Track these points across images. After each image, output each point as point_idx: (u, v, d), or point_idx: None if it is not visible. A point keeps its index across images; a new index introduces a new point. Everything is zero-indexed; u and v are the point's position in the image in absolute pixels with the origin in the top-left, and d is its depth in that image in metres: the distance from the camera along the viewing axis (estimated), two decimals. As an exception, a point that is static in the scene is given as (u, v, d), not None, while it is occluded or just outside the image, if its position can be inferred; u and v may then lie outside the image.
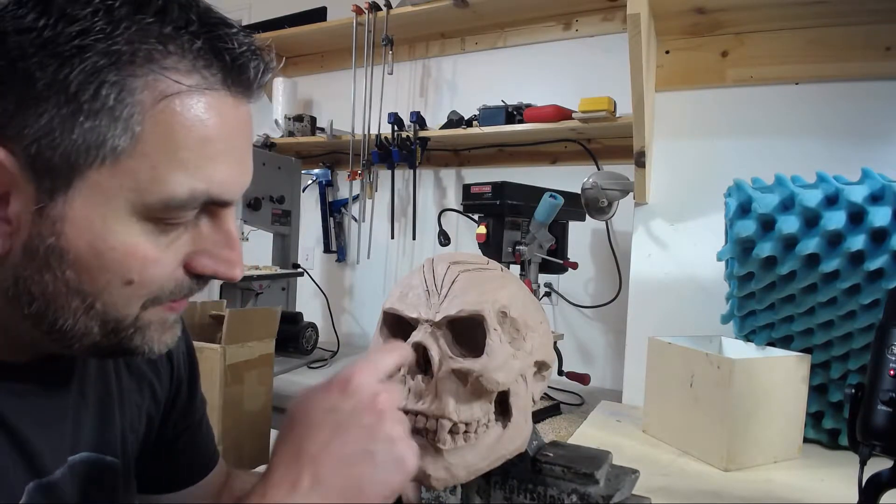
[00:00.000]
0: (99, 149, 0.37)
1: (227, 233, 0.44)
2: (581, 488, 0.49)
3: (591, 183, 1.26)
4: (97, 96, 0.36)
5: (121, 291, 0.40)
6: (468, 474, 0.45)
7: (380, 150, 1.81)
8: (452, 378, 0.45)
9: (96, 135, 0.36)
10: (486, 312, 0.44)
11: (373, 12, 1.81)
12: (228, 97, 0.41)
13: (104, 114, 0.36)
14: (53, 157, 0.36)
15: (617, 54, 1.49)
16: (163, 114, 0.37)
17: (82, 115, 0.36)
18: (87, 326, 0.41)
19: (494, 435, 0.46)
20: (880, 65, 1.14)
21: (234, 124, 0.41)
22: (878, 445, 0.58)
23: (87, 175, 0.37)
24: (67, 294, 0.39)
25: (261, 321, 1.36)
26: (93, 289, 0.39)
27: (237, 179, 0.42)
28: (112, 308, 0.41)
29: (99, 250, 0.38)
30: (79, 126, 0.36)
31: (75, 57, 0.35)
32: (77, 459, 0.48)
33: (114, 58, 0.36)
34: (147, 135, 0.37)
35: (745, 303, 1.03)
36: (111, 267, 0.39)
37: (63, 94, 0.36)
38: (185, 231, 0.42)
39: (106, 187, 0.37)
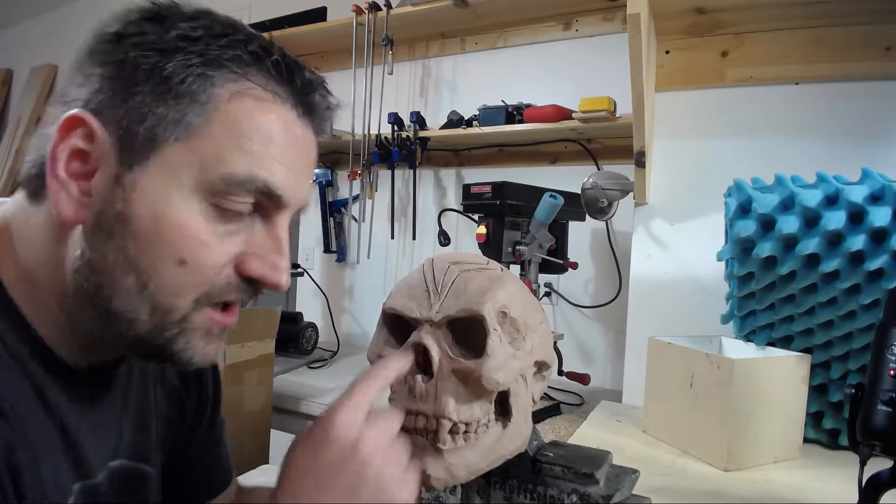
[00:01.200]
0: (177, 125, 0.41)
1: (278, 239, 0.46)
2: (581, 488, 0.49)
3: (591, 183, 1.26)
4: (184, 82, 0.41)
5: (174, 273, 0.42)
6: (468, 474, 0.45)
7: (380, 150, 1.81)
8: (452, 378, 0.45)
9: (177, 113, 0.41)
10: (486, 312, 0.44)
11: (373, 12, 1.81)
12: (296, 117, 0.45)
13: (188, 97, 0.41)
14: (139, 131, 0.41)
15: (617, 54, 1.49)
16: (236, 105, 0.42)
17: (170, 95, 0.41)
18: (138, 311, 0.42)
19: (494, 435, 0.46)
20: (880, 65, 1.14)
21: (298, 142, 0.45)
22: (878, 445, 0.58)
23: (163, 149, 0.41)
24: (126, 269, 0.41)
25: (261, 321, 1.36)
26: (147, 265, 0.41)
27: (293, 188, 0.45)
28: (164, 292, 0.42)
29: (159, 220, 0.41)
30: (164, 105, 0.41)
31: (175, 53, 0.41)
32: (116, 466, 0.50)
33: (205, 58, 0.41)
34: (219, 121, 0.41)
35: (745, 303, 1.03)
36: (168, 241, 0.41)
37: (157, 78, 0.40)
38: (240, 228, 0.44)
39: (176, 161, 0.41)
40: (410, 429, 0.45)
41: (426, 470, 0.44)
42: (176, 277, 0.42)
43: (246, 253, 0.44)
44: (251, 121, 0.42)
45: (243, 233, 0.44)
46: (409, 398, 0.46)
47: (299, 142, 0.45)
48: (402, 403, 0.46)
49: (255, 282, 0.45)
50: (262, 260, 0.45)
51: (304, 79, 0.45)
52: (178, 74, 0.41)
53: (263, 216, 0.45)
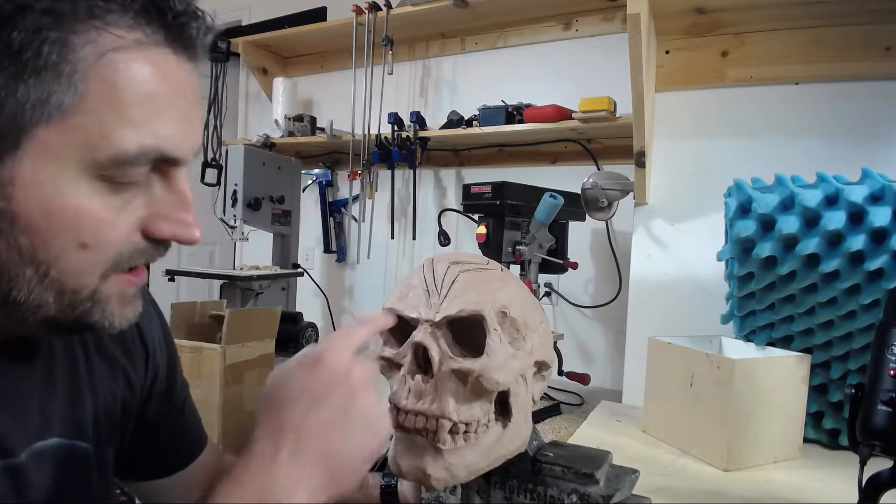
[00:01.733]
0: (44, 106, 0.36)
1: (180, 194, 0.43)
2: (581, 488, 0.49)
3: (591, 183, 1.26)
4: (40, 53, 0.36)
5: (76, 257, 0.39)
6: (468, 474, 0.45)
7: (380, 150, 1.81)
8: (452, 378, 0.45)
9: (40, 91, 0.36)
10: (485, 312, 0.44)
11: (373, 12, 1.81)
12: (171, 55, 0.41)
13: (48, 70, 0.36)
14: (0, 119, 0.36)
15: (617, 54, 1.49)
16: (106, 69, 0.38)
17: (26, 73, 0.36)
18: (42, 298, 0.40)
19: (494, 435, 0.46)
20: (880, 65, 1.14)
21: (178, 83, 0.41)
22: (878, 445, 0.58)
23: (35, 134, 0.37)
24: (21, 262, 0.39)
25: (261, 321, 1.36)
26: (47, 255, 0.39)
27: (186, 138, 0.42)
28: (68, 276, 0.40)
29: (50, 212, 0.38)
30: (23, 84, 0.36)
31: (16, 16, 0.35)
32: (47, 445, 0.48)
33: (55, 16, 0.36)
34: (92, 91, 0.37)
35: (745, 303, 1.03)
36: (64, 230, 0.38)
37: (6, 54, 0.35)
38: (138, 193, 0.41)
39: (54, 146, 0.37)
40: (411, 429, 0.45)
41: (426, 470, 0.44)
42: (79, 261, 0.40)
43: (150, 215, 0.42)
44: (127, 81, 0.38)
45: (141, 196, 0.42)
46: (408, 398, 0.46)
47: (182, 86, 0.42)
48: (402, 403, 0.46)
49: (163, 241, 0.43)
50: (169, 219, 0.43)
51: (175, 10, 0.40)
52: (29, 45, 0.35)
53: (160, 173, 0.42)
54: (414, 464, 0.45)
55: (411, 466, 0.45)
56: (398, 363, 0.48)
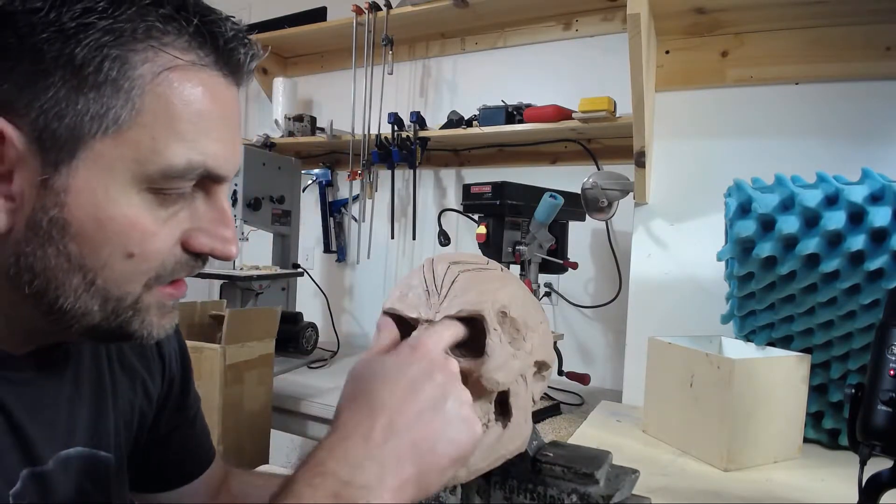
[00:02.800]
0: (102, 119, 0.38)
1: (221, 210, 0.45)
2: (581, 488, 0.49)
3: (591, 183, 1.26)
4: (101, 69, 0.38)
5: (122, 266, 0.41)
6: (468, 474, 0.45)
7: (380, 150, 1.81)
8: None
9: (100, 105, 0.38)
10: (485, 312, 0.44)
11: (373, 12, 1.81)
12: (220, 78, 0.43)
13: (107, 85, 0.38)
14: (59, 129, 0.38)
15: (617, 54, 1.49)
16: (161, 87, 0.39)
17: (87, 87, 0.38)
18: (88, 306, 0.41)
19: (494, 435, 0.46)
20: (880, 65, 1.14)
21: (226, 104, 0.43)
22: (878, 445, 0.58)
23: (91, 146, 0.39)
24: (69, 270, 0.40)
25: (261, 321, 1.36)
26: (94, 263, 0.40)
27: (230, 156, 0.44)
28: (113, 285, 0.41)
29: (101, 221, 0.39)
30: (83, 97, 0.38)
31: (80, 33, 0.37)
32: (72, 454, 0.48)
33: (116, 34, 0.38)
34: (147, 106, 0.39)
35: (745, 303, 1.03)
36: (112, 238, 0.40)
37: (69, 67, 0.37)
38: (182, 207, 0.43)
39: (108, 157, 0.39)
40: None
41: None
42: (125, 270, 0.41)
43: (191, 229, 0.44)
44: (180, 99, 0.40)
45: (185, 210, 0.43)
46: None
47: (228, 106, 0.44)
48: None
49: (202, 254, 0.45)
50: (209, 233, 0.44)
51: (226, 36, 0.43)
52: (91, 61, 0.37)
53: (203, 189, 0.44)
54: None
55: None
56: None
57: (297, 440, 2.30)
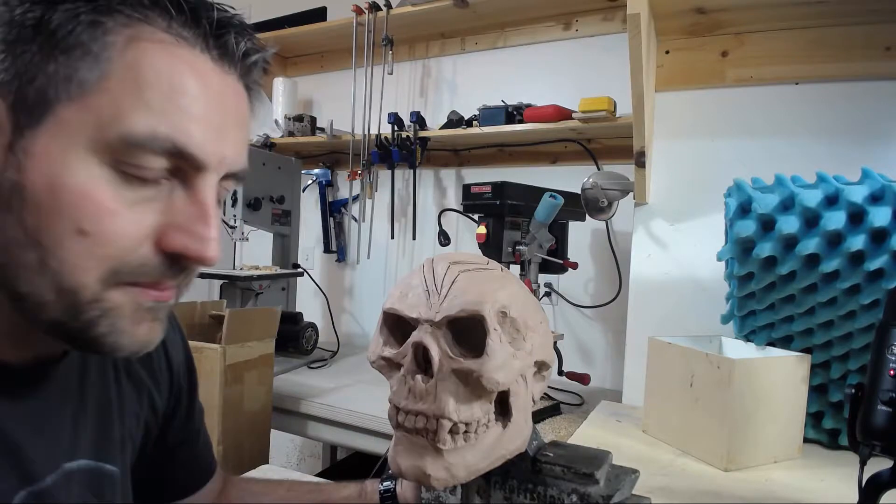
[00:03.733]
0: (68, 83, 0.37)
1: (201, 205, 0.41)
2: (581, 488, 0.49)
3: (591, 183, 1.26)
4: (73, 32, 0.37)
5: (73, 245, 0.37)
6: (468, 474, 0.45)
7: (380, 150, 1.81)
8: (452, 378, 0.45)
9: (67, 68, 0.37)
10: (485, 312, 0.44)
11: (373, 12, 1.81)
12: (209, 61, 0.40)
13: (77, 49, 0.37)
14: (29, 92, 0.37)
15: (617, 54, 1.49)
16: (134, 53, 0.38)
17: (58, 50, 0.37)
18: (41, 291, 0.38)
19: (494, 435, 0.46)
20: (880, 65, 1.14)
21: (215, 91, 0.40)
22: (878, 445, 0.58)
23: (56, 111, 0.37)
24: (25, 244, 0.38)
25: (261, 321, 1.36)
26: (47, 239, 0.37)
27: (216, 143, 0.40)
28: (66, 268, 0.38)
29: (55, 188, 0.37)
30: (53, 60, 0.37)
31: (61, 2, 0.37)
32: (75, 467, 0.47)
33: (94, 3, 0.37)
34: (115, 72, 0.37)
35: (745, 303, 1.03)
36: (64, 210, 0.37)
37: (43, 32, 0.37)
38: (156, 196, 0.39)
39: (70, 123, 0.37)
40: (411, 429, 0.45)
41: (426, 470, 0.44)
42: (77, 250, 0.37)
43: (166, 224, 0.40)
44: (153, 69, 0.38)
45: (160, 201, 0.40)
46: (408, 398, 0.45)
47: (216, 91, 0.40)
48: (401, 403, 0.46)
49: (179, 258, 0.40)
50: (185, 231, 0.40)
51: (211, 18, 0.40)
52: (65, 26, 0.37)
53: (183, 181, 0.40)
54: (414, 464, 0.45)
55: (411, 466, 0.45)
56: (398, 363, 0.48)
57: (297, 440, 2.30)
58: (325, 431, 1.42)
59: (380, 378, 0.50)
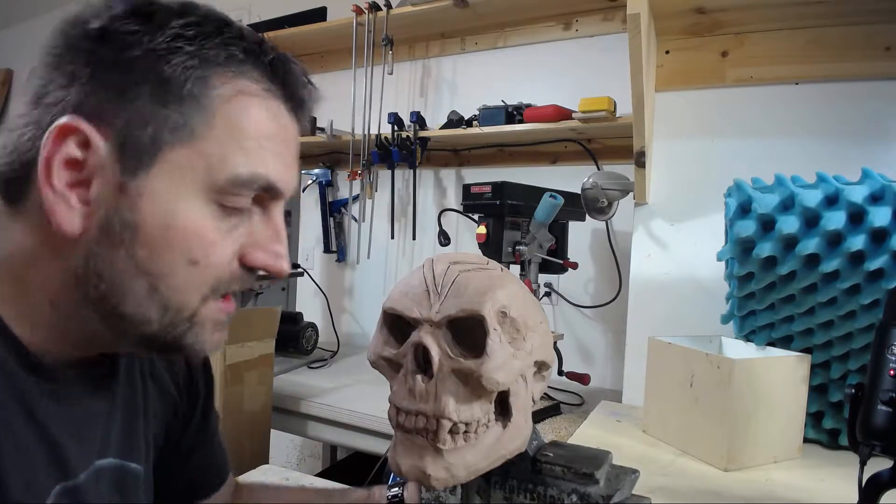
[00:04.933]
0: (181, 130, 0.41)
1: (276, 227, 0.48)
2: (581, 488, 0.49)
3: (591, 183, 1.26)
4: (184, 86, 0.41)
5: (185, 273, 0.43)
6: (468, 474, 0.45)
7: (380, 150, 1.81)
8: (452, 378, 0.45)
9: (180, 117, 0.41)
10: (485, 312, 0.44)
11: (373, 12, 1.81)
12: (284, 108, 0.47)
13: (189, 100, 0.42)
14: (142, 137, 0.41)
15: (617, 54, 1.49)
16: (234, 106, 0.43)
17: (170, 100, 0.41)
18: (147, 313, 0.43)
19: (494, 435, 0.46)
20: (880, 65, 1.14)
21: (287, 131, 0.47)
22: (878, 445, 0.58)
23: (167, 155, 0.41)
24: (135, 274, 0.42)
25: (261, 321, 1.36)
26: (159, 268, 0.42)
27: (289, 176, 0.47)
28: (174, 293, 0.43)
29: (169, 226, 0.42)
30: (166, 110, 0.41)
31: (170, 55, 0.41)
32: (105, 465, 0.49)
33: (201, 59, 0.42)
34: (220, 122, 0.43)
35: (745, 303, 1.03)
36: (178, 245, 0.42)
37: (156, 83, 0.41)
38: (241, 221, 0.45)
39: (182, 166, 0.42)
40: (411, 429, 0.45)
41: (426, 470, 0.44)
42: (187, 278, 0.43)
43: (248, 244, 0.46)
44: (249, 119, 0.44)
45: (244, 225, 0.46)
46: (408, 398, 0.45)
47: (289, 134, 0.47)
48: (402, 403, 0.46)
49: (254, 270, 0.47)
50: (264, 249, 0.47)
51: (294, 74, 0.47)
52: (178, 77, 0.41)
53: (260, 206, 0.47)
54: (414, 464, 0.45)
55: (411, 466, 0.45)
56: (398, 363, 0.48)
57: (297, 440, 2.30)
58: (325, 431, 1.42)
59: (380, 378, 0.51)
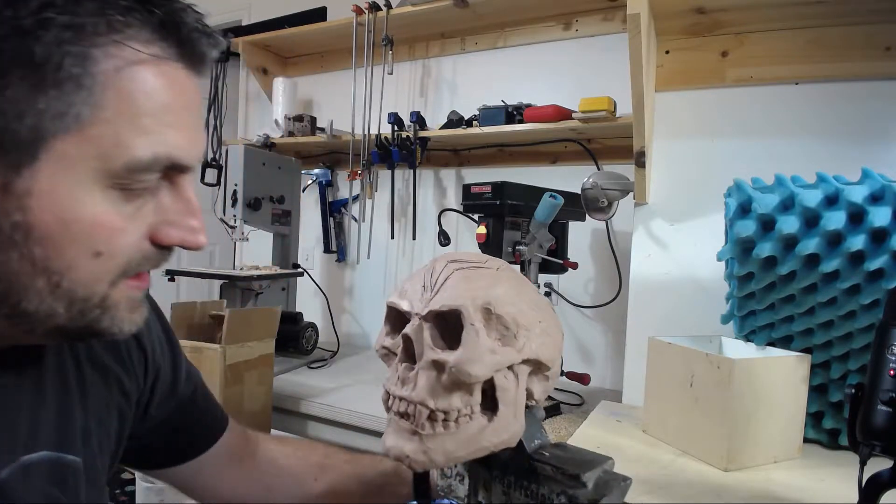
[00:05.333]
0: (63, 117, 0.37)
1: (187, 201, 0.45)
2: (569, 490, 0.49)
3: (591, 183, 1.26)
4: (61, 66, 0.36)
5: (89, 266, 0.40)
6: (447, 460, 0.47)
7: (380, 150, 1.81)
8: (431, 368, 0.47)
9: (61, 103, 0.37)
10: (463, 308, 0.46)
11: (373, 12, 1.81)
12: (182, 69, 0.43)
13: (69, 83, 0.37)
14: (20, 130, 0.37)
15: (617, 54, 1.49)
16: (124, 81, 0.39)
17: (47, 85, 0.36)
18: (52, 308, 0.40)
19: (477, 426, 0.47)
20: (880, 65, 1.14)
21: (187, 95, 0.43)
22: (878, 445, 0.58)
23: (53, 146, 0.37)
24: (33, 273, 0.39)
25: (261, 321, 1.36)
26: (60, 265, 0.39)
27: (193, 146, 0.44)
28: (79, 286, 0.40)
29: (66, 222, 0.38)
30: (44, 95, 0.36)
31: (38, 30, 0.36)
32: (35, 459, 0.47)
33: (76, 30, 0.37)
34: (110, 102, 0.38)
35: (745, 303, 1.03)
36: (79, 239, 0.39)
37: (27, 66, 0.36)
38: (147, 200, 0.42)
39: (71, 156, 0.38)
40: (397, 412, 0.48)
41: (404, 450, 0.47)
42: (91, 269, 0.40)
43: (158, 221, 0.43)
44: (143, 93, 0.39)
45: (151, 203, 0.43)
46: (397, 384, 0.49)
47: (190, 97, 0.43)
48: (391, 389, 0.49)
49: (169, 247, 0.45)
50: (176, 226, 0.44)
51: (188, 26, 0.42)
52: (52, 56, 0.36)
53: (168, 180, 0.44)
54: (396, 444, 0.48)
55: (394, 447, 0.48)
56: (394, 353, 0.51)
57: (297, 440, 2.30)
58: (325, 431, 1.42)
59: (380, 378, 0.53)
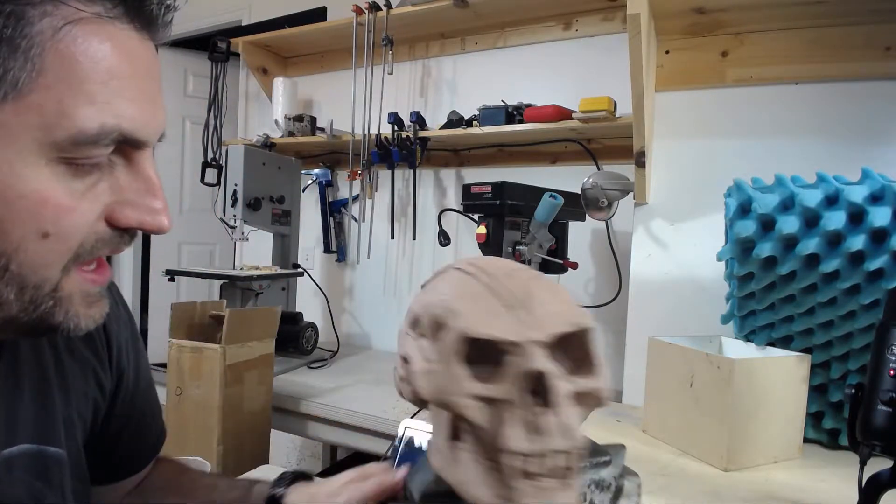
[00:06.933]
0: (1, 84, 0.34)
1: (147, 179, 0.41)
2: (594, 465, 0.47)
3: (591, 183, 1.26)
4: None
5: (37, 247, 0.37)
6: None
7: (380, 150, 1.81)
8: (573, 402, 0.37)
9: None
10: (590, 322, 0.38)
11: (373, 12, 1.81)
12: (133, 32, 0.39)
13: (2, 46, 0.34)
14: None
15: (617, 54, 1.49)
16: (64, 43, 0.36)
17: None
18: (3, 294, 0.38)
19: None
20: (880, 65, 1.14)
21: (141, 61, 0.39)
22: (878, 445, 0.58)
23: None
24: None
25: (261, 321, 1.36)
26: (6, 246, 0.36)
27: (150, 118, 0.40)
28: (29, 270, 0.38)
29: (8, 199, 0.35)
30: None
31: None
32: (15, 452, 0.45)
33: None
34: (50, 66, 0.35)
35: (745, 303, 1.03)
36: (23, 218, 0.36)
37: None
38: (101, 178, 0.39)
39: (11, 127, 0.35)
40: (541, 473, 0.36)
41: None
42: (40, 251, 0.37)
43: (115, 202, 0.40)
44: (86, 56, 0.36)
45: (105, 182, 0.40)
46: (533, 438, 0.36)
47: (143, 64, 0.40)
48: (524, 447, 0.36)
49: (128, 230, 0.41)
50: (135, 206, 0.41)
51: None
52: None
53: (123, 156, 0.40)
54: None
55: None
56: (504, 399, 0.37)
57: (297, 440, 2.30)
58: (325, 431, 1.42)
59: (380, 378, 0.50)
